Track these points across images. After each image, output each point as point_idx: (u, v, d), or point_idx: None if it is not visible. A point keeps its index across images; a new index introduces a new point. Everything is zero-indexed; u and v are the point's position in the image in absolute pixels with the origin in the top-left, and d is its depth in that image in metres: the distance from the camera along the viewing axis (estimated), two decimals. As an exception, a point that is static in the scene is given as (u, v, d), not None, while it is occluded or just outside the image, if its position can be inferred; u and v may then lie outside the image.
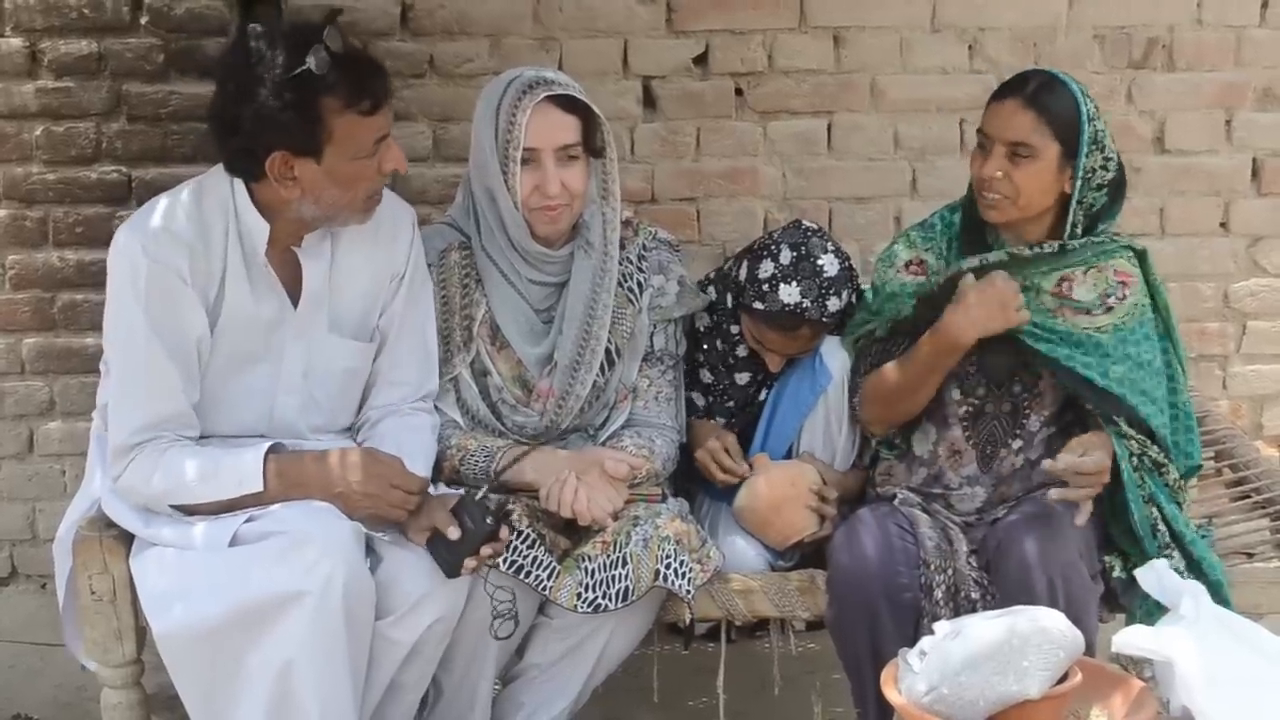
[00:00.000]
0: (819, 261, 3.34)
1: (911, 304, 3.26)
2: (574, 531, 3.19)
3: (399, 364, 3.22)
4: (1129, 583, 3.10)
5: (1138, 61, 4.40)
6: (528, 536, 3.07)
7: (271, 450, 3.00)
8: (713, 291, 3.53)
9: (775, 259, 3.35)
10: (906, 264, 3.33)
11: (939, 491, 3.30)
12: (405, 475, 3.00)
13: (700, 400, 3.56)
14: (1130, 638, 2.62)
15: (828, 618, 3.18)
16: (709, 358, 3.54)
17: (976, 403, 3.28)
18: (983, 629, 2.47)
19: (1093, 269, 3.22)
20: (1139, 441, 3.17)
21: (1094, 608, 3.10)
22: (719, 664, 3.32)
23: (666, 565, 3.06)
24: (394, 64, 4.06)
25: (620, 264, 3.37)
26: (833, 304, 3.34)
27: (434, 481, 3.14)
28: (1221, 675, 2.54)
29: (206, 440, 3.06)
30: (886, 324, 3.31)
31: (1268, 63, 4.42)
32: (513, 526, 3.02)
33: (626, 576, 3.05)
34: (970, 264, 3.19)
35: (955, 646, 2.47)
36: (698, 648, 3.33)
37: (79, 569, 3.09)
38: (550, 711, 3.27)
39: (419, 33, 4.27)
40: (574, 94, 3.21)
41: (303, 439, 3.13)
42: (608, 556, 3.08)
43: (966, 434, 3.29)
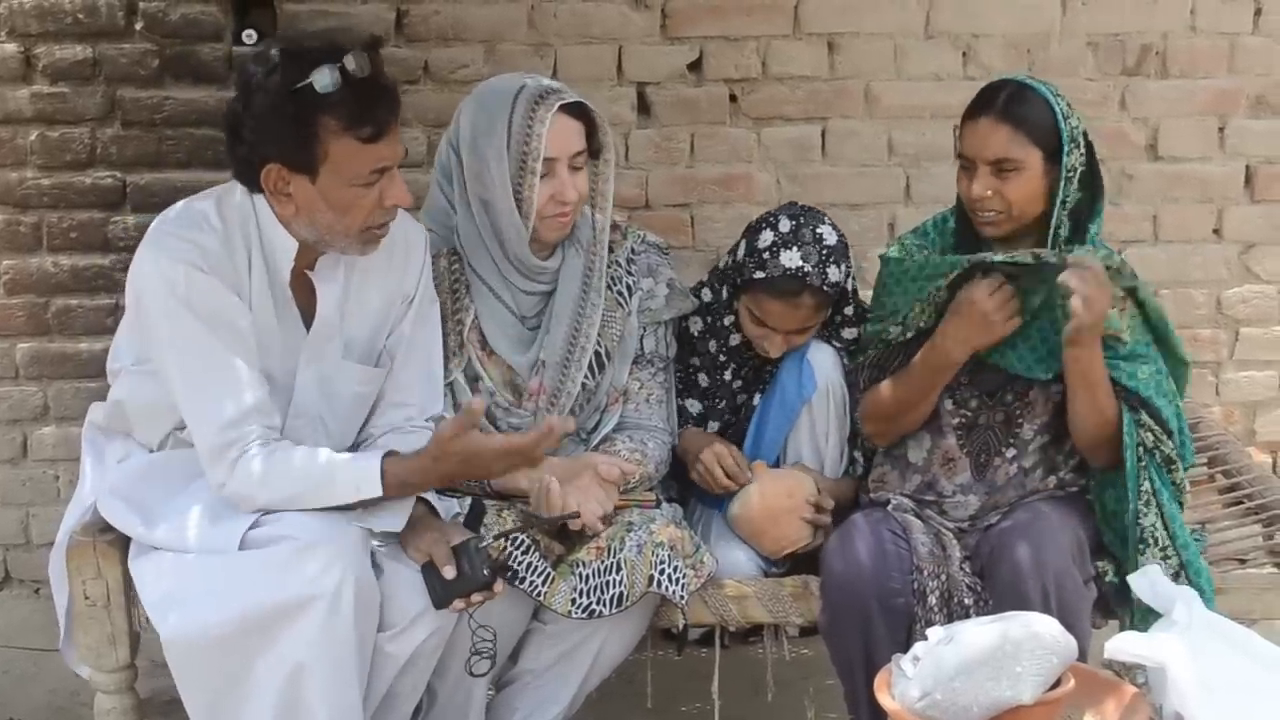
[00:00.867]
0: (819, 230, 3.35)
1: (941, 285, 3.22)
2: (567, 537, 3.20)
3: (404, 386, 3.20)
4: (1121, 588, 3.10)
5: (1131, 68, 4.41)
6: (522, 542, 3.07)
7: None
8: (707, 293, 3.53)
9: (774, 229, 3.36)
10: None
11: (932, 498, 3.30)
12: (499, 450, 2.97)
13: (695, 406, 3.56)
14: (1123, 643, 2.63)
15: (821, 623, 3.18)
16: (704, 362, 3.55)
17: (969, 414, 3.28)
18: (976, 634, 2.48)
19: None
20: (1155, 434, 3.16)
21: (1087, 613, 3.10)
22: (713, 669, 3.32)
23: (660, 571, 3.06)
24: (389, 70, 4.04)
25: (609, 267, 3.38)
26: (833, 273, 3.34)
27: (440, 492, 3.12)
28: (1214, 681, 2.55)
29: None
30: (907, 322, 3.26)
31: (1260, 70, 4.43)
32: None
33: (620, 582, 3.05)
34: (975, 259, 3.15)
35: (949, 652, 2.47)
36: (691, 653, 3.33)
37: (73, 574, 3.08)
38: (544, 717, 3.26)
39: (414, 39, 4.27)
40: (582, 100, 3.22)
41: None
42: (601, 562, 3.08)
43: (960, 443, 3.29)
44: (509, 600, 3.04)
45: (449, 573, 2.93)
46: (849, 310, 3.50)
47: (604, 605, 3.05)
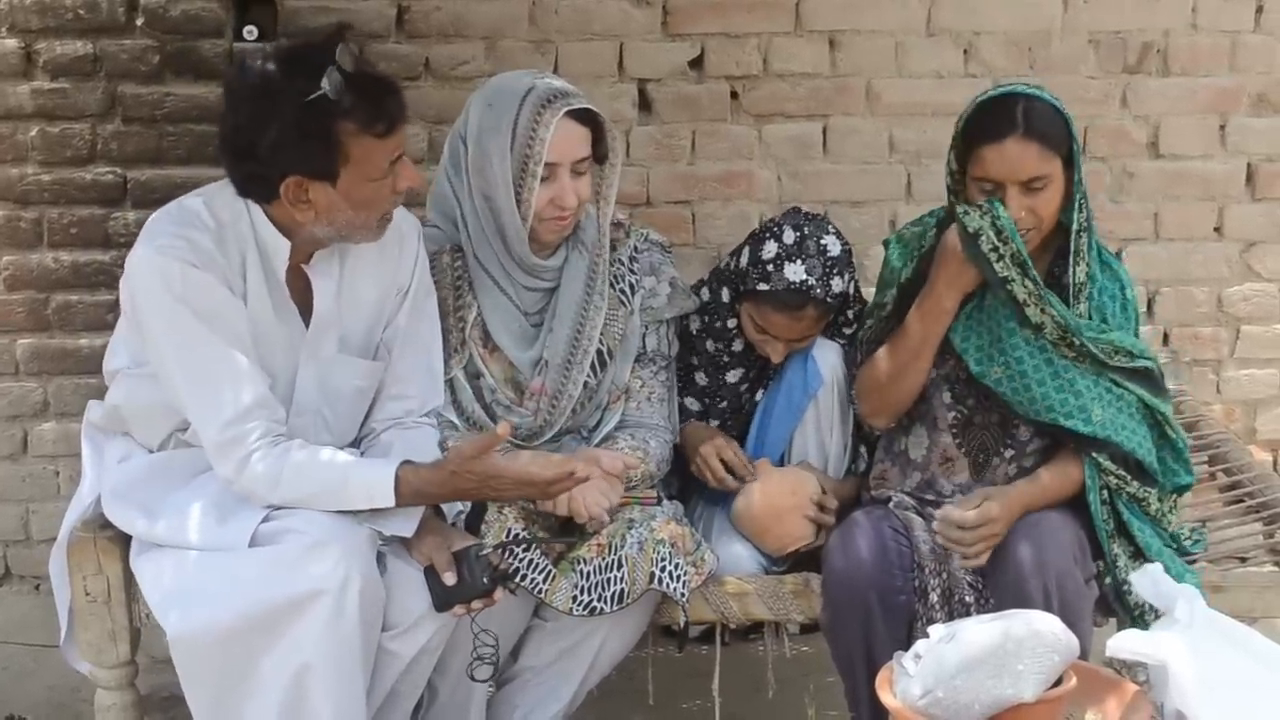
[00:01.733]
0: (823, 241, 3.34)
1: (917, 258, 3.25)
2: (569, 533, 3.19)
3: (402, 378, 3.20)
4: (1120, 587, 3.11)
5: (1132, 66, 4.41)
6: (523, 540, 3.07)
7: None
8: (706, 292, 3.53)
9: (779, 239, 3.35)
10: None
11: (932, 498, 3.30)
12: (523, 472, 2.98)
13: (695, 405, 3.56)
14: (1124, 641, 2.63)
15: (822, 620, 3.18)
16: (702, 360, 3.54)
17: (965, 411, 3.28)
18: (977, 632, 2.48)
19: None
20: (1118, 478, 3.18)
21: (1089, 612, 3.10)
22: (713, 667, 3.32)
23: (661, 568, 3.06)
24: (390, 66, 4.06)
25: (612, 266, 3.37)
26: (836, 284, 3.34)
27: None
28: (1215, 679, 2.55)
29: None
30: (895, 289, 3.29)
31: (1262, 68, 4.43)
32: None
33: (621, 579, 3.05)
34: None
35: (950, 650, 2.47)
36: (692, 650, 3.33)
37: (74, 570, 3.08)
38: (544, 714, 3.27)
39: (415, 35, 4.27)
40: (590, 107, 3.21)
41: None
42: (602, 559, 3.08)
43: (957, 442, 3.29)
44: (510, 598, 3.04)
45: (449, 579, 2.93)
46: (851, 313, 3.50)
47: (605, 602, 3.05)
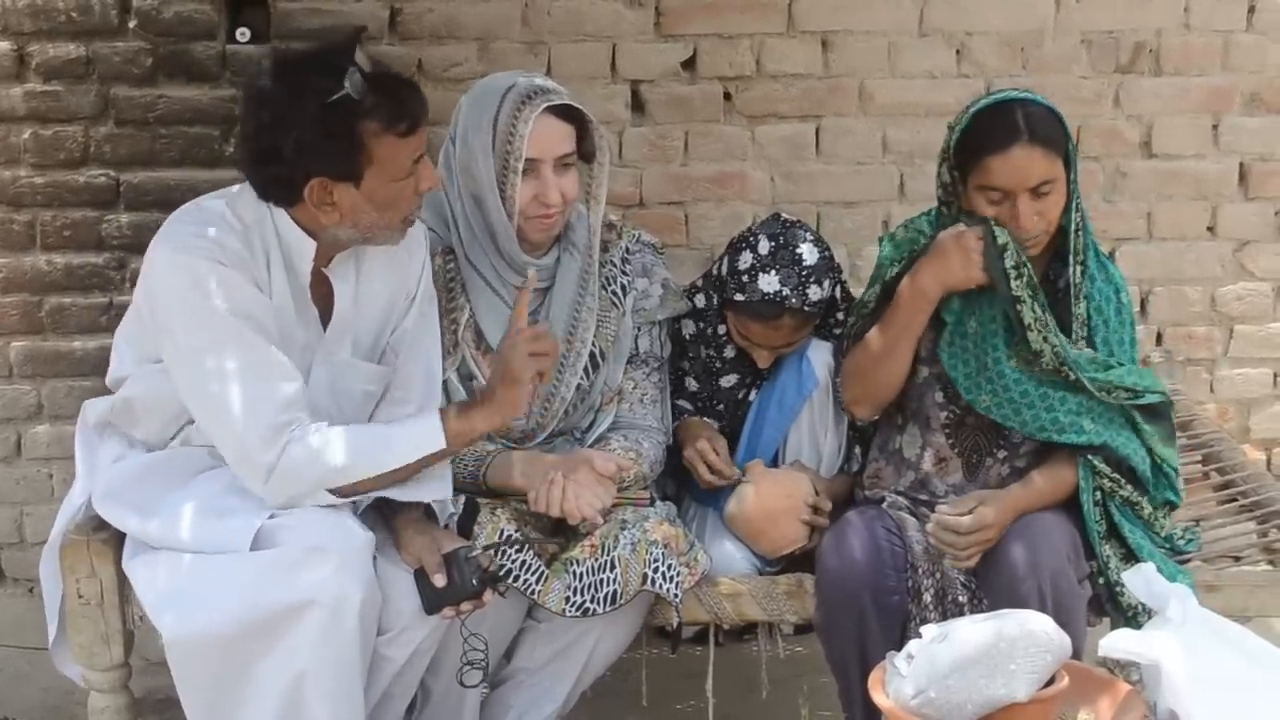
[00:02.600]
0: (798, 250, 3.34)
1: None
2: (562, 534, 3.19)
3: (405, 383, 3.19)
4: (1113, 587, 3.12)
5: (1125, 66, 4.41)
6: (516, 541, 3.07)
7: None
8: (700, 298, 3.53)
9: (754, 250, 3.36)
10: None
11: (925, 497, 3.30)
12: (534, 338, 3.00)
13: (688, 407, 3.55)
14: (1117, 641, 2.63)
15: (815, 620, 3.18)
16: (694, 366, 3.54)
17: (958, 411, 3.28)
18: (970, 632, 2.48)
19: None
20: (1112, 480, 3.19)
21: (1083, 612, 3.10)
22: (707, 667, 3.32)
23: (654, 569, 3.06)
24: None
25: (604, 267, 3.38)
26: (813, 292, 3.34)
27: None
28: (1208, 678, 2.55)
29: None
30: (879, 286, 3.29)
31: (1254, 67, 4.44)
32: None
33: (614, 580, 3.05)
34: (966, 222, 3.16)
35: (942, 650, 2.47)
36: (686, 651, 3.32)
37: (66, 572, 3.07)
38: (538, 715, 3.26)
39: (407, 36, 4.27)
40: (571, 103, 3.21)
41: None
42: (595, 560, 3.08)
43: (950, 442, 3.29)
44: (502, 599, 3.04)
45: (439, 581, 2.93)
46: (839, 314, 3.51)
47: (598, 604, 3.05)
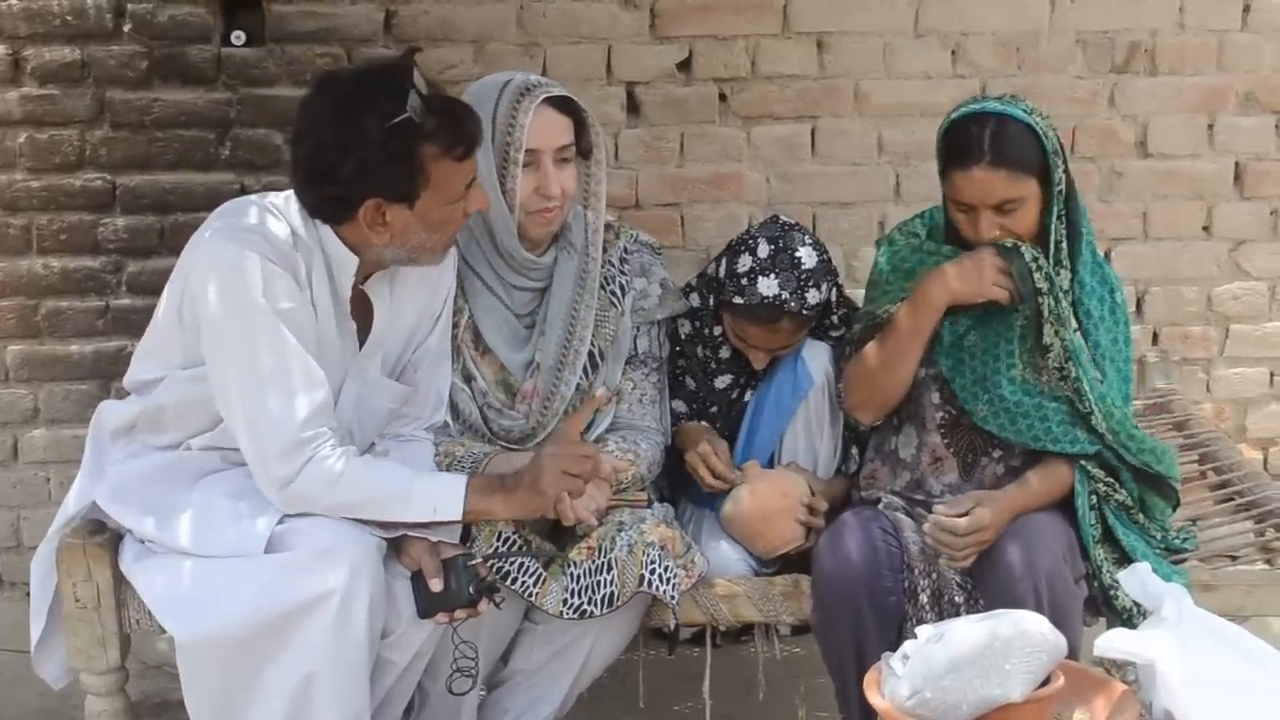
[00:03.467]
0: (797, 254, 3.34)
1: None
2: (559, 535, 3.19)
3: (416, 400, 3.22)
4: (1108, 587, 3.12)
5: (1120, 66, 4.41)
6: (513, 542, 3.07)
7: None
8: (695, 298, 3.54)
9: (753, 253, 3.36)
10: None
11: (921, 497, 3.30)
12: (576, 458, 3.00)
13: (683, 408, 3.55)
14: (1112, 641, 2.63)
15: (812, 621, 3.18)
16: (691, 366, 3.54)
17: (954, 411, 3.28)
18: (965, 633, 2.48)
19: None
20: (1107, 485, 3.20)
21: (1078, 613, 3.10)
22: (704, 669, 3.31)
23: (651, 570, 3.06)
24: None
25: (602, 267, 3.37)
26: (812, 296, 3.34)
27: None
28: (1203, 678, 2.55)
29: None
30: (893, 302, 3.28)
31: (1249, 67, 4.44)
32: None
33: (611, 582, 3.05)
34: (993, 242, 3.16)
35: (938, 650, 2.47)
36: (683, 653, 3.33)
37: (63, 576, 3.06)
38: (535, 717, 3.26)
39: (403, 39, 4.26)
40: (569, 95, 3.22)
41: None
42: (592, 562, 3.08)
43: (946, 442, 3.29)
44: (498, 610, 3.03)
45: (435, 586, 2.93)
46: (836, 316, 3.51)
47: (595, 605, 3.05)
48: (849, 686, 3.10)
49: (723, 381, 3.53)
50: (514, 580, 3.04)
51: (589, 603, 3.05)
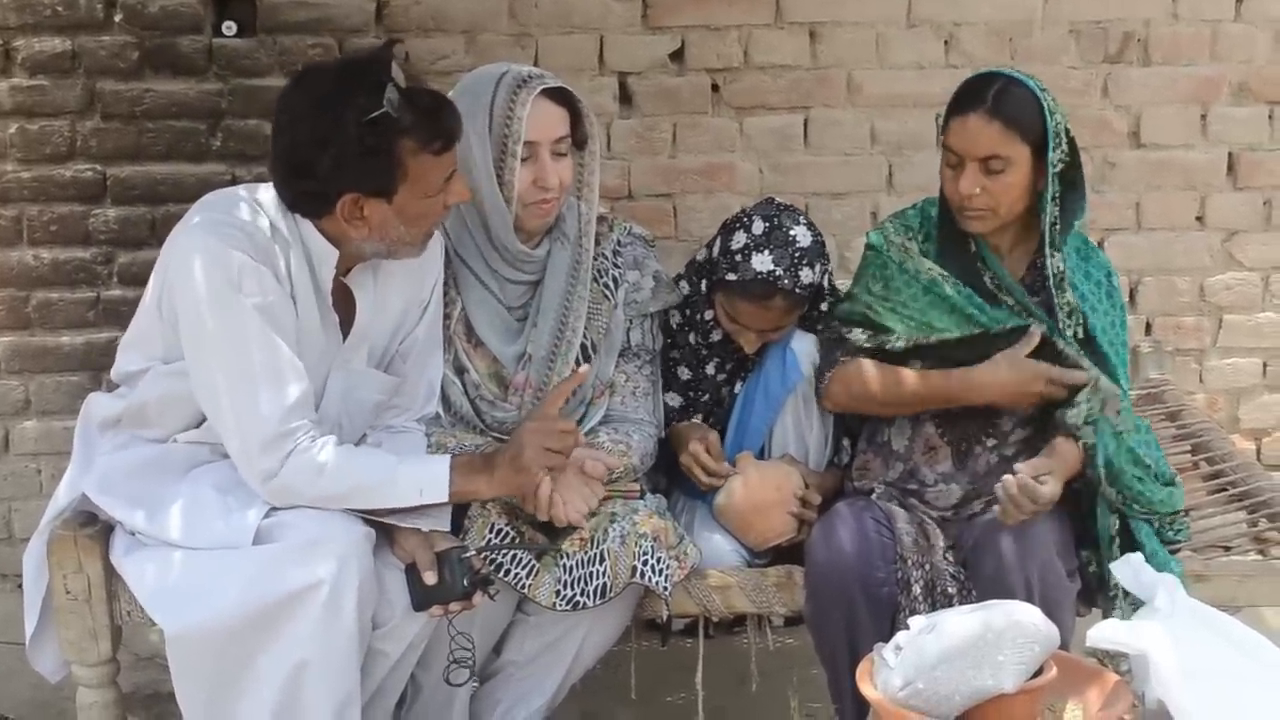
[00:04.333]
0: (791, 232, 3.34)
1: (946, 325, 3.24)
2: (551, 527, 3.19)
3: (408, 390, 3.21)
4: (1104, 578, 3.11)
5: (1113, 56, 4.41)
6: (506, 534, 3.07)
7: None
8: (685, 285, 3.53)
9: (748, 230, 3.36)
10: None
11: (914, 487, 3.30)
12: (557, 434, 3.00)
13: (677, 400, 3.55)
14: (1105, 632, 2.63)
15: (805, 612, 3.18)
16: (684, 355, 3.54)
17: (947, 400, 3.29)
18: (958, 624, 2.48)
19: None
20: (1127, 507, 3.21)
21: (1071, 604, 3.11)
22: (697, 660, 3.31)
23: (644, 562, 3.06)
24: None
25: (596, 259, 3.37)
26: (805, 275, 3.33)
27: None
28: (1196, 668, 2.55)
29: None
30: (910, 335, 3.27)
31: (1243, 57, 4.44)
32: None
33: (604, 573, 3.05)
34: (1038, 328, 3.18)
35: (930, 641, 2.47)
36: (675, 644, 3.33)
37: (54, 568, 3.06)
38: (528, 708, 3.27)
39: (394, 29, 4.25)
40: (565, 87, 3.21)
41: None
42: (585, 554, 3.08)
43: (939, 430, 3.29)
44: (493, 601, 3.04)
45: (429, 579, 2.93)
46: (825, 306, 3.49)
47: (588, 597, 3.05)
48: (842, 677, 3.10)
49: (711, 367, 3.52)
50: (507, 572, 3.04)
51: (582, 594, 3.05)
